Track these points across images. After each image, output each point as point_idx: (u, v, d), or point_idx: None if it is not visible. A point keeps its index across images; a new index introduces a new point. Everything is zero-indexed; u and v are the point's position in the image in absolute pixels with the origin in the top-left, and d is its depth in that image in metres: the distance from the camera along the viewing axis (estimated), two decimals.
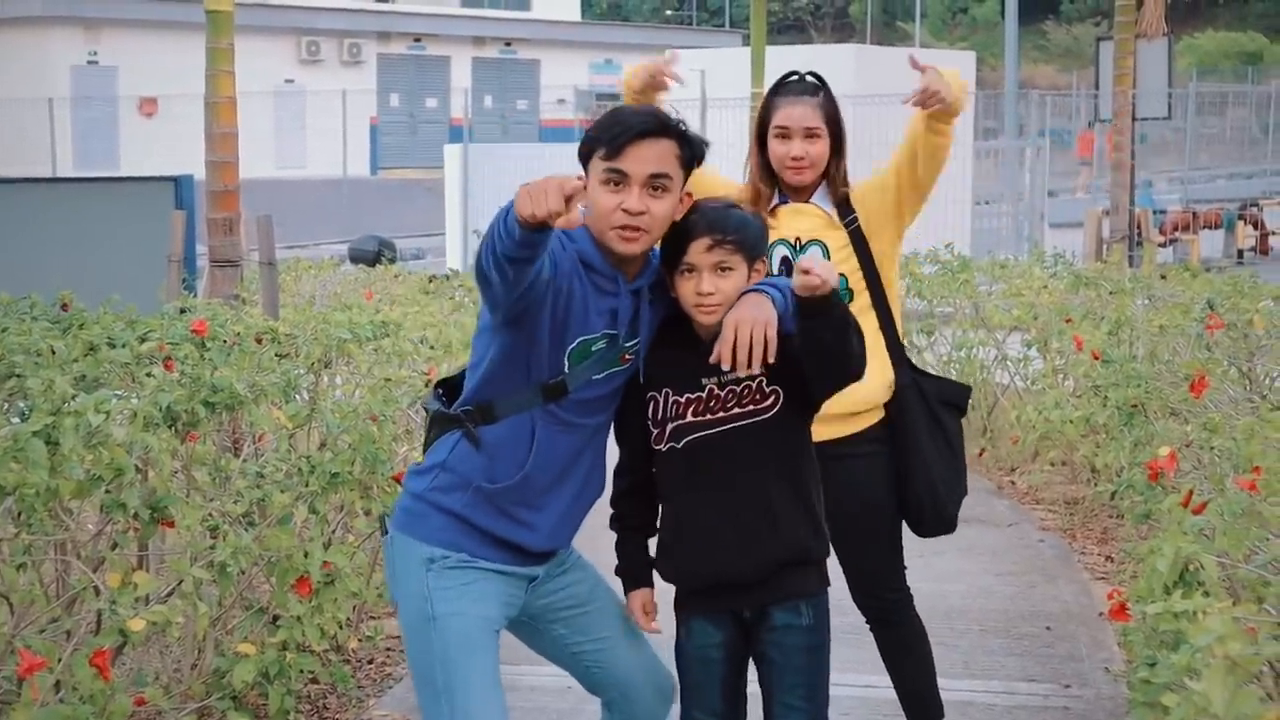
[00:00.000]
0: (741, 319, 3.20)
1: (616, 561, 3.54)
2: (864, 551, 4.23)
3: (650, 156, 3.19)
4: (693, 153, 3.28)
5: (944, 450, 4.23)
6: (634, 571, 3.48)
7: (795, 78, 4.16)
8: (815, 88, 4.12)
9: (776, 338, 3.20)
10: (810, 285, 3.08)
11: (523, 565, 3.33)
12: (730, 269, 3.28)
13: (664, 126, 3.22)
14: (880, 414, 4.16)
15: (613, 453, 3.51)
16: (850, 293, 4.14)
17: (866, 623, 4.39)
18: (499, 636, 3.34)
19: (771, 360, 3.21)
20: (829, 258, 4.11)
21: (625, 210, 3.18)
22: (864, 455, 4.13)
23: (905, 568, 4.33)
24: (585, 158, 3.26)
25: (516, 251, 2.97)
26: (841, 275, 4.12)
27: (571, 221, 2.92)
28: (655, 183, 3.20)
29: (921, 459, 4.17)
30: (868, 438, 4.13)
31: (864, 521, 4.17)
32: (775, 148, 4.08)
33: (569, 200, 2.90)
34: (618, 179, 3.19)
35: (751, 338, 3.17)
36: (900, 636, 4.36)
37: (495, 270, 3.03)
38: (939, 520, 4.24)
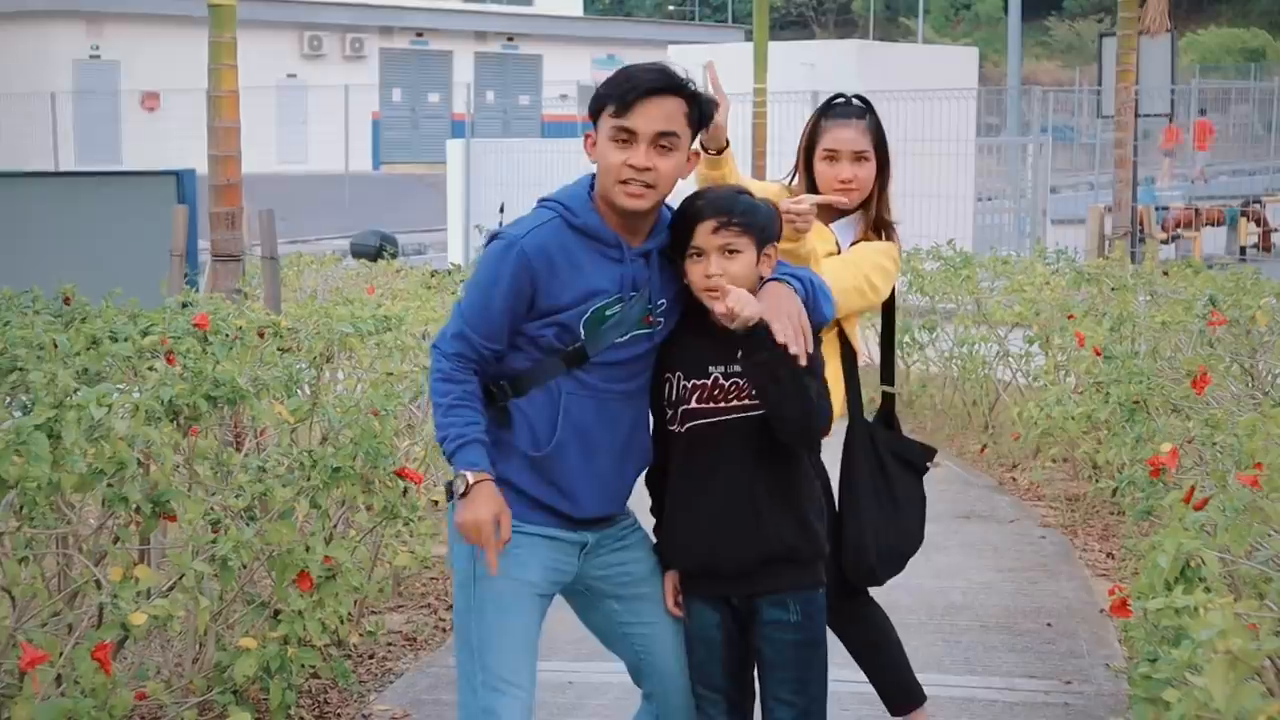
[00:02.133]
0: (774, 313, 3.23)
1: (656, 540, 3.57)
2: None
3: (658, 114, 3.23)
4: (701, 112, 3.32)
5: (885, 503, 4.16)
6: None
7: (842, 100, 4.17)
8: (862, 111, 4.14)
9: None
10: (717, 305, 3.20)
11: (571, 530, 3.39)
12: (737, 251, 3.30)
13: (673, 84, 3.26)
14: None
15: None
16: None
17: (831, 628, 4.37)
18: (544, 601, 3.41)
19: (810, 349, 3.24)
20: None
21: (631, 165, 3.21)
22: None
23: None
24: (595, 114, 3.30)
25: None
26: None
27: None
28: (662, 140, 3.24)
29: (853, 503, 4.12)
30: None
31: None
32: (823, 170, 4.10)
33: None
34: (625, 136, 3.22)
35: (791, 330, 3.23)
36: (861, 633, 4.31)
37: None
38: (858, 568, 4.14)
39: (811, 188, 4.14)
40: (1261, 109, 36.52)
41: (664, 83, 3.25)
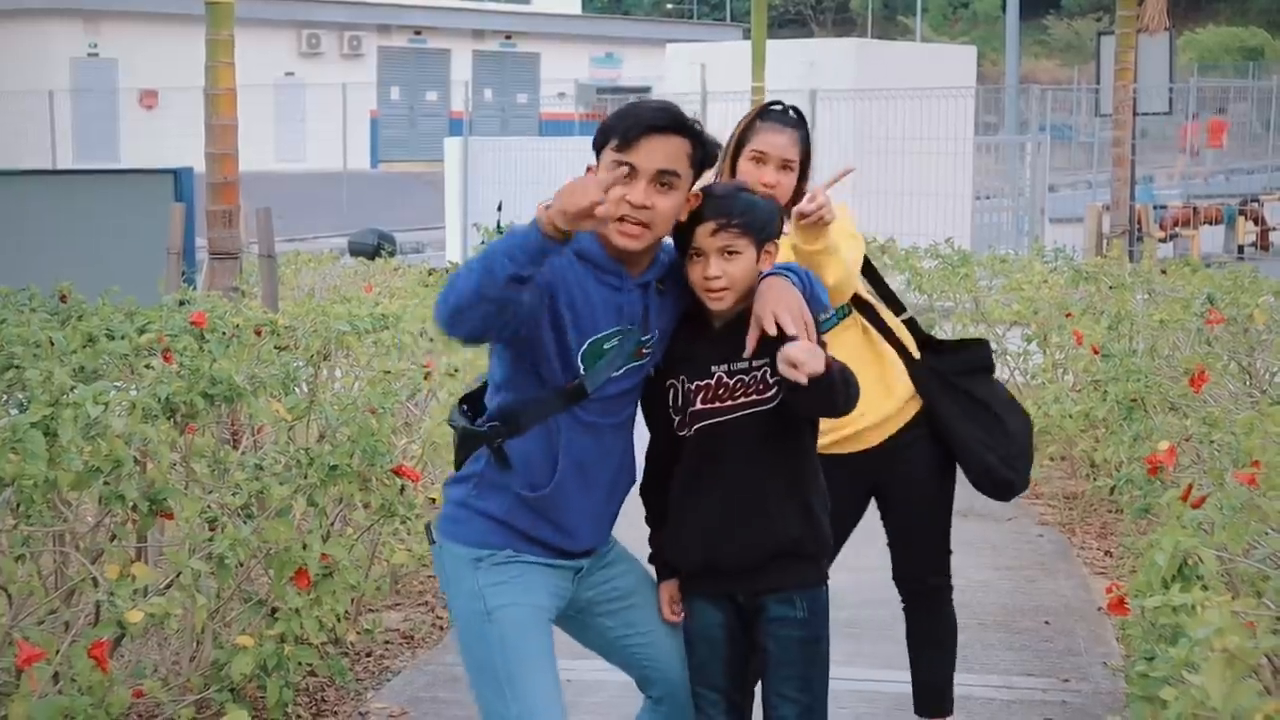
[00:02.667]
0: (777, 309, 3.22)
1: (650, 551, 3.55)
2: (912, 533, 4.34)
3: (661, 152, 3.19)
4: (705, 154, 3.28)
5: (979, 414, 4.28)
6: (663, 561, 3.51)
7: (780, 108, 4.18)
8: (798, 121, 4.16)
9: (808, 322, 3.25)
10: (798, 376, 3.12)
11: (567, 559, 3.36)
12: (737, 253, 3.29)
13: (678, 123, 3.22)
14: (918, 404, 4.23)
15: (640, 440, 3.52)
16: (849, 307, 4.18)
17: (902, 604, 4.47)
18: (551, 626, 3.38)
19: (813, 339, 3.23)
20: None
21: (629, 201, 3.17)
22: (911, 443, 4.25)
23: (951, 552, 4.38)
24: (599, 147, 3.26)
25: (525, 268, 2.99)
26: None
27: (608, 213, 3.01)
28: (663, 179, 3.19)
29: (957, 440, 4.25)
30: (912, 426, 4.23)
31: (915, 505, 4.30)
32: (747, 170, 4.08)
33: (606, 190, 3.01)
34: (626, 171, 3.18)
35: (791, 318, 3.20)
36: (933, 625, 4.46)
37: (483, 302, 3.02)
38: (991, 480, 4.30)
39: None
40: (1260, 108, 36.55)
41: (667, 121, 3.20)
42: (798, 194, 4.12)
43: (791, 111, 4.17)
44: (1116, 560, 6.95)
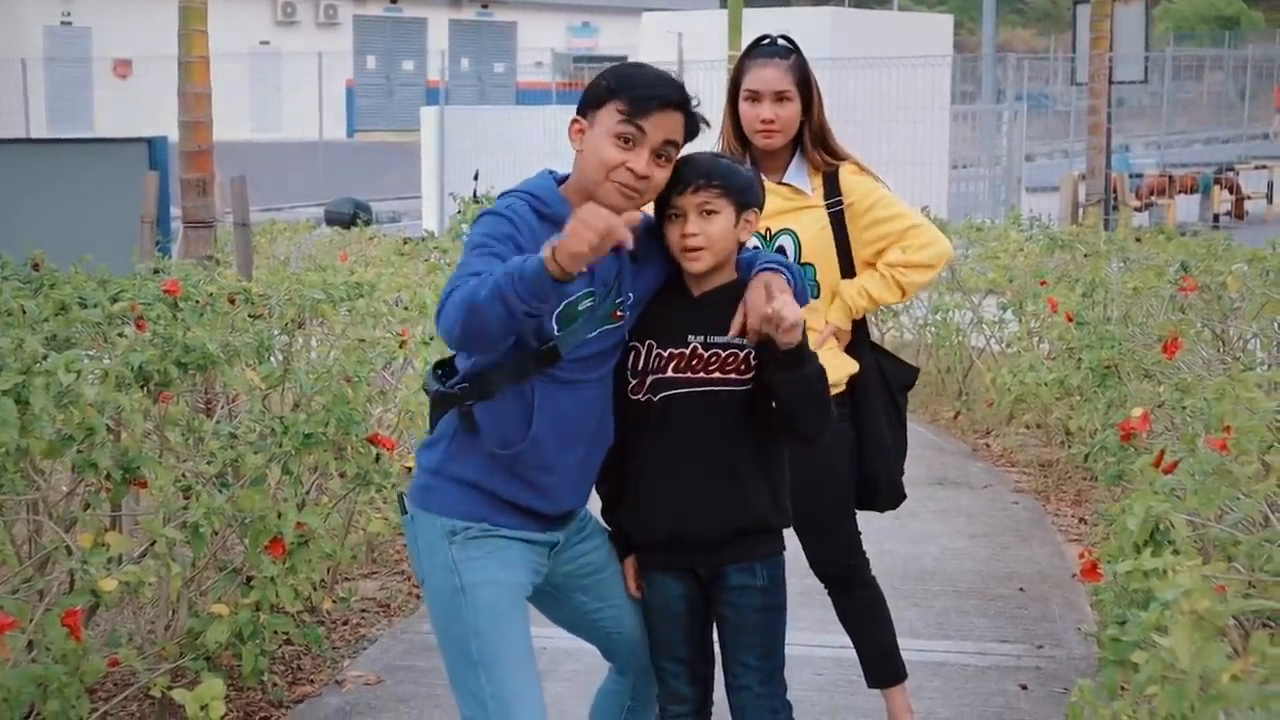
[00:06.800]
0: (771, 291, 3.22)
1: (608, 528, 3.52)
2: (824, 520, 4.23)
3: (668, 125, 3.21)
4: (693, 130, 3.30)
5: (896, 429, 4.32)
6: (624, 537, 3.49)
7: (767, 40, 4.15)
8: (787, 50, 4.13)
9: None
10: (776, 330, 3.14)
11: (543, 531, 3.32)
12: (715, 212, 3.29)
13: (684, 101, 3.24)
14: (841, 387, 4.17)
15: None
16: (816, 285, 4.14)
17: (826, 590, 4.40)
18: (526, 603, 3.33)
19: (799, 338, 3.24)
20: (799, 246, 4.11)
21: (631, 170, 3.18)
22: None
23: (860, 534, 4.35)
24: (595, 106, 3.23)
25: (541, 309, 2.99)
26: (808, 264, 4.12)
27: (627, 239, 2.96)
28: (664, 151, 3.22)
29: (879, 439, 4.24)
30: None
31: (824, 490, 4.17)
32: (745, 111, 4.10)
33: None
34: (631, 138, 3.18)
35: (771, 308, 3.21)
36: (863, 601, 4.37)
37: (502, 336, 3.05)
38: (893, 494, 4.32)
39: (737, 129, 4.14)
40: (1235, 77, 36.63)
41: (679, 98, 3.23)
42: (806, 125, 4.10)
43: (781, 40, 4.14)
44: (1090, 527, 6.99)
